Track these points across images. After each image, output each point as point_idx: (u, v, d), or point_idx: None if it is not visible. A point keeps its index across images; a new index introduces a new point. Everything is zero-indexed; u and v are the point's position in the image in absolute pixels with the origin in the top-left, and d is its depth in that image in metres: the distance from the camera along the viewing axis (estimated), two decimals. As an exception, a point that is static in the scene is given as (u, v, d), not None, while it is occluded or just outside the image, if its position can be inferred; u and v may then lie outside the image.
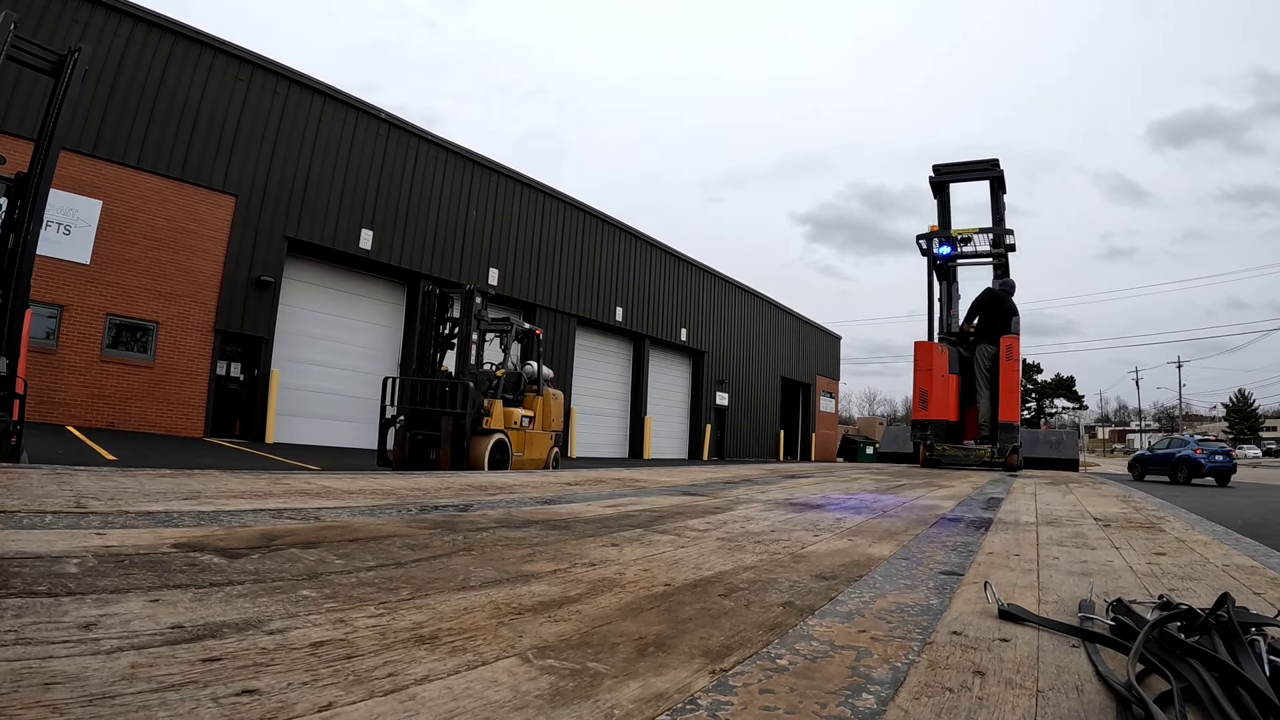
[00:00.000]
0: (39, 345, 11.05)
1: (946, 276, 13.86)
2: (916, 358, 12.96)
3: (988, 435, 12.19)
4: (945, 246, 13.52)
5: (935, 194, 14.05)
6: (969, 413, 12.88)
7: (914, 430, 13.02)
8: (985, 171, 13.65)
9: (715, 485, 5.26)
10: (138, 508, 2.28)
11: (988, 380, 12.43)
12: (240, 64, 14.30)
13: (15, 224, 5.36)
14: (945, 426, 12.47)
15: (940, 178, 13.99)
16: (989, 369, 12.41)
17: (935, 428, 12.35)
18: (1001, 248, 13.31)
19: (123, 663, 0.89)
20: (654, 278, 25.48)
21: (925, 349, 12.84)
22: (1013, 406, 12.01)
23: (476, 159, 18.98)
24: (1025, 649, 1.21)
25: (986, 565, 2.11)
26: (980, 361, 12.56)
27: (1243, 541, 2.99)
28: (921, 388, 12.59)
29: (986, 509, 4.14)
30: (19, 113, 10.87)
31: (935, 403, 12.36)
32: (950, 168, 14.03)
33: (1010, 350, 12.09)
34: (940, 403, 12.38)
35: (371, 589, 1.42)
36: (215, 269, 13.82)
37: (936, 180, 13.99)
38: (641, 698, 0.90)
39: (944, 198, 14.00)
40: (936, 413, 12.35)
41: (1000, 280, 13.15)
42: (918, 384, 12.75)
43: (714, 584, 1.68)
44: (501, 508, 3.11)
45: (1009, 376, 12.06)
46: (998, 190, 13.46)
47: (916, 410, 12.95)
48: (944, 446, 12.30)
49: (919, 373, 12.69)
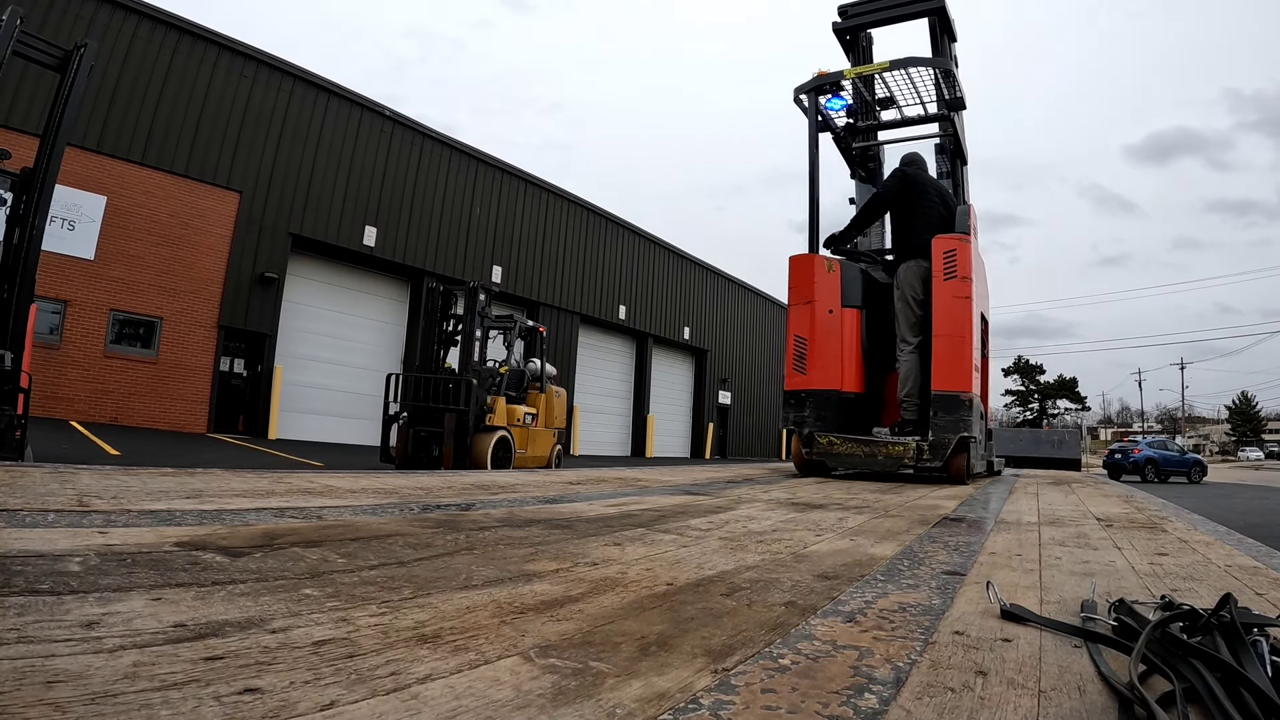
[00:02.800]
0: (43, 340, 11.09)
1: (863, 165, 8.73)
2: (790, 284, 7.42)
3: (912, 419, 6.85)
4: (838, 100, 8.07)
5: (845, 49, 8.54)
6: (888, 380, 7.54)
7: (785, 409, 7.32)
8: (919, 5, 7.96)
9: (717, 484, 5.26)
10: (140, 506, 2.29)
11: (915, 322, 6.97)
12: (245, 60, 14.32)
13: (20, 219, 5.37)
14: (835, 401, 7.06)
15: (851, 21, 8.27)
16: (916, 301, 6.97)
17: (819, 403, 7.01)
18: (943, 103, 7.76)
19: (125, 661, 0.89)
20: (657, 276, 25.49)
21: (802, 267, 7.33)
22: (957, 362, 6.56)
23: (481, 156, 18.99)
24: (1028, 649, 1.21)
25: (989, 565, 2.10)
26: (905, 289, 7.02)
27: (1245, 542, 2.98)
28: (798, 335, 7.23)
29: (989, 509, 4.14)
30: (24, 108, 10.90)
31: (818, 360, 7.09)
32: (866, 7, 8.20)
33: (952, 261, 6.65)
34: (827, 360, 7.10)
35: (374, 588, 1.42)
36: (219, 265, 13.86)
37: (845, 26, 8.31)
38: (644, 697, 0.90)
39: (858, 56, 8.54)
40: (820, 378, 7.07)
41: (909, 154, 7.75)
42: (791, 328, 7.35)
43: (716, 583, 1.68)
44: (504, 507, 3.12)
45: (950, 307, 6.65)
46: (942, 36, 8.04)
47: (789, 375, 7.33)
48: (830, 438, 6.88)
49: (793, 308, 7.38)
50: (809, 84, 7.92)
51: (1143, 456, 23.24)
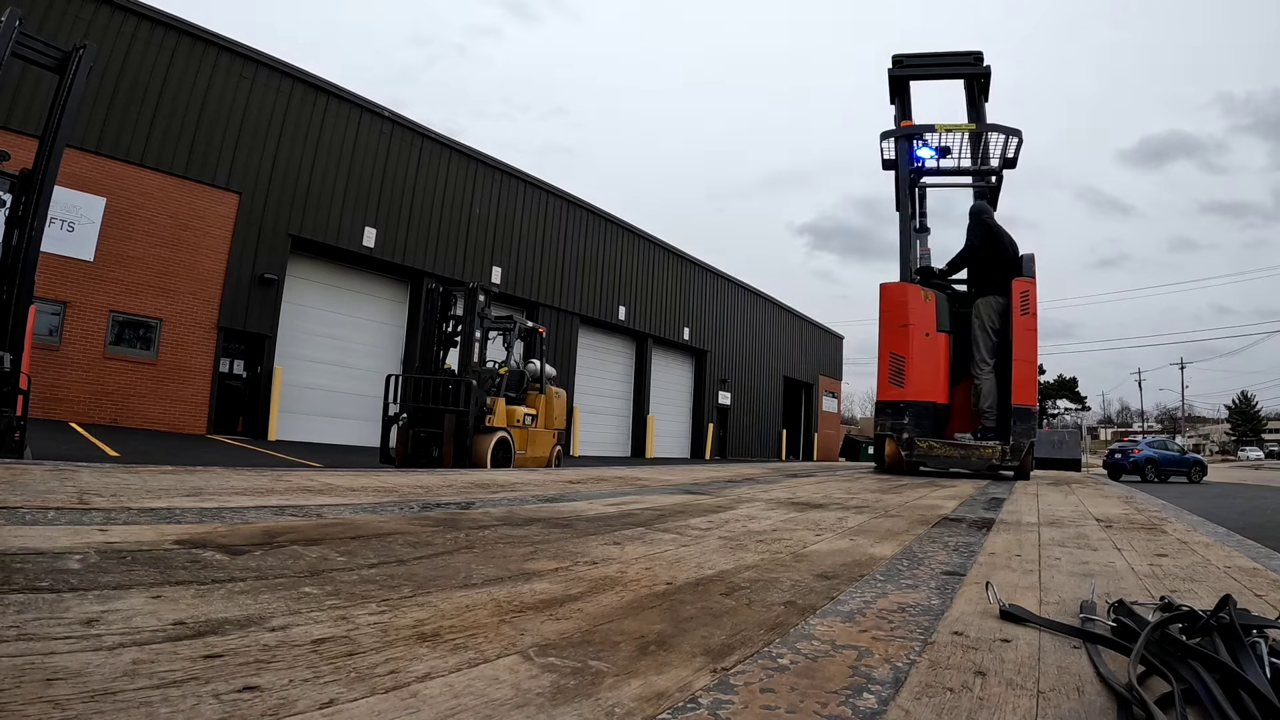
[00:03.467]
0: (43, 342, 11.08)
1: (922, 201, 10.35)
2: (884, 307, 8.84)
3: (992, 426, 8.44)
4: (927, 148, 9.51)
5: (893, 95, 10.06)
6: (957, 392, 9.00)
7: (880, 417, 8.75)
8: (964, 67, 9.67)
9: (717, 484, 5.26)
10: (140, 504, 2.29)
11: (992, 346, 8.57)
12: (244, 61, 14.32)
13: (20, 220, 5.37)
14: (932, 411, 8.50)
15: (901, 71, 9.92)
16: (994, 330, 8.58)
17: (917, 413, 8.37)
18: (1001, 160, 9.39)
19: (125, 659, 0.89)
20: (657, 276, 25.49)
21: (897, 295, 8.79)
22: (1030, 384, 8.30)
23: (480, 157, 18.99)
24: (1026, 650, 1.21)
25: (988, 566, 2.10)
26: (985, 319, 8.63)
27: (1244, 543, 2.99)
28: (894, 352, 8.57)
29: (988, 509, 4.14)
30: (24, 109, 10.90)
31: (916, 375, 8.44)
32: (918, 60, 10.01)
33: (1026, 299, 8.33)
34: (924, 376, 8.47)
35: (373, 586, 1.42)
36: (218, 266, 13.85)
37: (897, 75, 9.94)
38: (643, 696, 0.90)
39: (904, 101, 10.03)
40: (918, 390, 8.42)
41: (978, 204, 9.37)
42: (886, 346, 8.68)
43: (715, 583, 1.68)
44: (503, 506, 3.12)
45: (1025, 338, 8.24)
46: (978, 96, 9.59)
47: (883, 387, 8.72)
48: (930, 442, 8.33)
49: (888, 330, 8.70)
50: (898, 131, 9.53)
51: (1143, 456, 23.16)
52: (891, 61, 10.05)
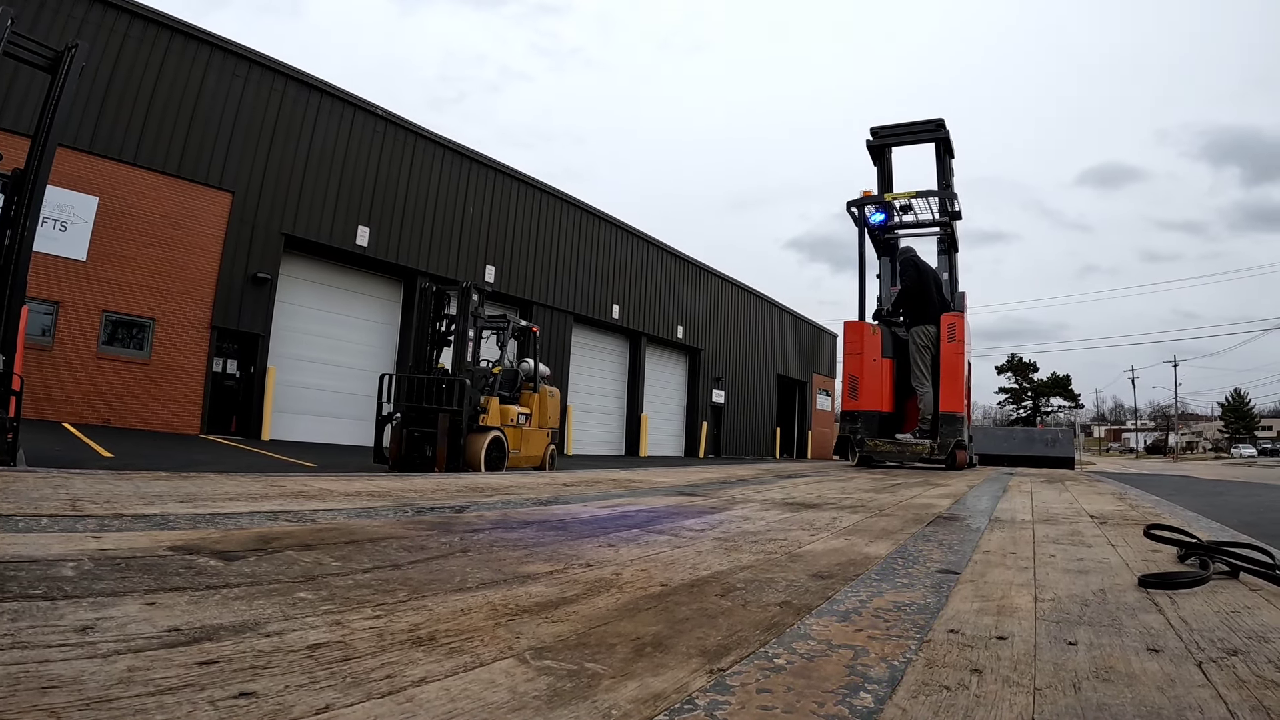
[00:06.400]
0: (35, 342, 11.02)
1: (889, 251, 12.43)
2: (845, 340, 11.61)
3: (928, 429, 10.67)
4: (879, 214, 11.92)
5: (874, 159, 12.41)
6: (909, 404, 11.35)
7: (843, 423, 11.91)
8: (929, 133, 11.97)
9: (712, 485, 5.26)
10: (134, 510, 2.28)
11: (929, 366, 10.87)
12: (237, 60, 14.26)
13: (12, 220, 5.34)
14: (878, 418, 11.05)
15: (879, 141, 12.28)
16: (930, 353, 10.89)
17: (866, 420, 10.97)
18: (946, 215, 11.74)
19: (120, 666, 0.89)
20: (651, 275, 25.48)
21: (854, 330, 11.38)
22: (956, 394, 10.53)
23: (474, 155, 18.95)
24: (1022, 646, 1.21)
25: (983, 563, 2.11)
26: (918, 344, 10.95)
27: (1239, 539, 3.00)
28: (851, 373, 11.27)
29: (983, 507, 4.15)
30: (15, 109, 10.84)
31: (866, 391, 11.05)
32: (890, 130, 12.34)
33: (953, 330, 10.64)
34: (872, 391, 11.03)
35: (368, 591, 1.42)
36: (211, 266, 13.79)
37: (875, 144, 12.28)
38: (639, 698, 0.90)
39: (884, 163, 12.40)
40: (868, 402, 11.02)
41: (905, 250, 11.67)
42: (847, 369, 11.42)
43: (711, 584, 1.68)
44: (498, 509, 3.12)
45: (951, 360, 10.60)
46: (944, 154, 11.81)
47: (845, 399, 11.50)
48: (876, 441, 10.79)
49: (848, 357, 11.41)
50: (859, 201, 11.92)
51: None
52: (870, 133, 12.32)
